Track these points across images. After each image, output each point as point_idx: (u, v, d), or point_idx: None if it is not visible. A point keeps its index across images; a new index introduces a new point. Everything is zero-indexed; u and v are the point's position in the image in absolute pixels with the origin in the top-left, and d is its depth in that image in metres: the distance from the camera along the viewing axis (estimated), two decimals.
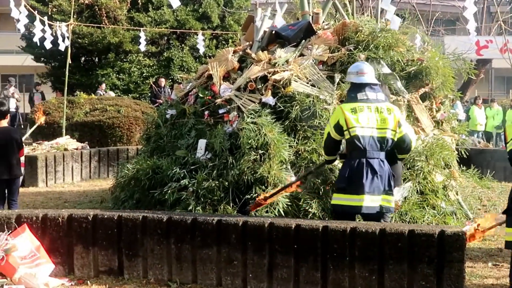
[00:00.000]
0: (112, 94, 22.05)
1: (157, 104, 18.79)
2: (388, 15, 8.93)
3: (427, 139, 8.66)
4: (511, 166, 5.87)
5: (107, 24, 23.96)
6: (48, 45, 16.13)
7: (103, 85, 22.66)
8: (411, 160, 8.24)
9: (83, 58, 25.85)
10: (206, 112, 8.96)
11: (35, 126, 14.71)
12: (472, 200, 9.58)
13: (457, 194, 8.99)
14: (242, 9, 26.47)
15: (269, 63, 9.14)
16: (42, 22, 15.68)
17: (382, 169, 6.47)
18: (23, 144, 8.97)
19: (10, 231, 6.39)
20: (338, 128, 6.56)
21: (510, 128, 5.87)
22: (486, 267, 6.94)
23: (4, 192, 8.70)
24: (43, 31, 15.83)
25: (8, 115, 8.96)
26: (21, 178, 9.05)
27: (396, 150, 6.69)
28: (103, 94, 21.49)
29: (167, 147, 9.12)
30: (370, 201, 6.41)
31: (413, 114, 8.93)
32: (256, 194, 7.79)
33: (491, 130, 22.89)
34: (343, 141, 6.72)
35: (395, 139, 6.52)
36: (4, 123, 8.74)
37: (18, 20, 14.74)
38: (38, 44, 16.46)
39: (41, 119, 14.94)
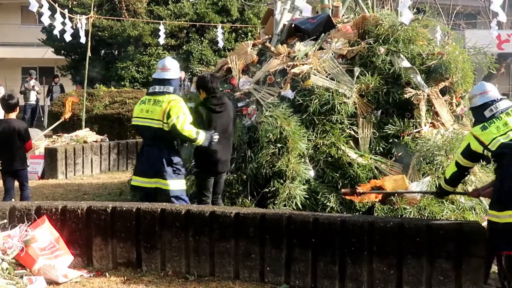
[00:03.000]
0: None
1: None
2: (400, 7, 8.81)
3: (447, 133, 8.59)
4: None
5: (127, 17, 24.04)
6: (68, 37, 16.18)
7: None
8: (430, 155, 8.20)
9: (103, 51, 25.95)
10: None
11: (58, 122, 14.80)
12: None
13: None
14: (261, 2, 26.41)
15: (288, 56, 9.14)
16: (63, 15, 15.74)
17: (156, 156, 7.18)
18: (30, 137, 8.94)
19: (30, 223, 6.45)
20: None
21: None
22: None
23: (11, 183, 8.82)
24: (63, 23, 15.88)
25: (17, 107, 8.97)
26: (26, 169, 9.05)
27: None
28: None
29: None
30: (141, 182, 7.34)
31: (433, 108, 8.87)
32: (274, 188, 7.81)
33: None
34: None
35: (166, 129, 7.11)
36: (13, 115, 8.83)
37: (41, 14, 14.80)
38: (59, 36, 16.52)
39: (66, 115, 14.93)
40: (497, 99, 6.01)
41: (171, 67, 7.36)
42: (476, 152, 5.92)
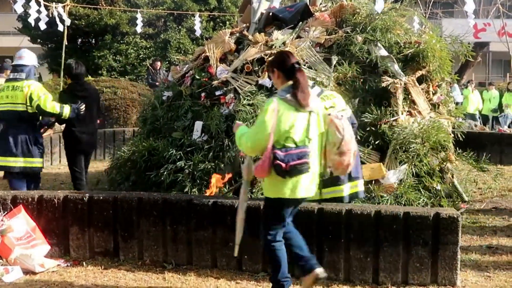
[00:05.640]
0: None
1: (152, 85, 18.71)
2: None
3: (424, 122, 8.64)
4: None
5: (104, 5, 23.84)
6: (42, 26, 16.00)
7: None
8: (406, 143, 8.24)
9: (79, 40, 25.71)
10: (203, 94, 8.93)
11: None
12: (468, 183, 9.60)
13: (452, 176, 9.00)
14: None
15: (266, 45, 9.12)
16: (38, 3, 15.57)
17: (22, 136, 7.98)
18: None
19: (6, 212, 6.41)
20: None
21: None
22: (480, 249, 6.97)
23: None
24: (39, 11, 15.71)
25: None
26: None
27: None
28: None
29: (163, 129, 9.10)
30: (6, 161, 7.98)
31: (409, 96, 8.90)
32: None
33: (487, 113, 22.87)
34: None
35: (31, 111, 7.99)
36: None
37: (15, 1, 14.64)
38: (33, 25, 16.33)
39: None
40: (310, 85, 6.19)
41: (24, 56, 8.26)
42: None
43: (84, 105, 8.52)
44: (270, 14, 10.00)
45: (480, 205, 9.22)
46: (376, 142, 8.40)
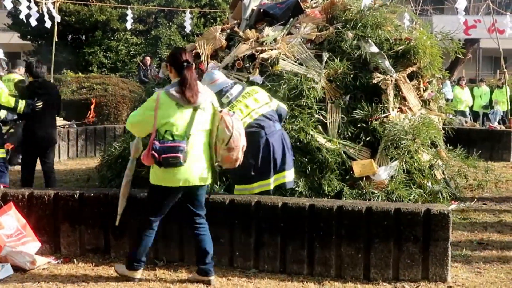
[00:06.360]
0: None
1: (143, 82, 18.67)
2: None
3: (414, 118, 8.65)
4: None
5: (94, 2, 23.77)
6: (33, 22, 15.93)
7: None
8: (397, 139, 8.25)
9: (70, 36, 25.65)
10: None
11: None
12: (458, 179, 9.61)
13: (443, 173, 9.02)
14: None
15: (257, 41, 9.11)
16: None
17: None
18: None
19: None
20: None
21: None
22: (471, 245, 6.99)
23: None
24: (29, 8, 15.63)
25: None
26: None
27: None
28: None
29: None
30: None
31: (400, 93, 8.91)
32: None
33: (478, 110, 22.92)
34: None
35: None
36: None
37: None
38: (25, 21, 16.25)
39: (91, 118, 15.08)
40: (229, 85, 6.72)
41: None
42: None
43: (40, 102, 8.78)
44: (261, 10, 9.99)
45: (470, 201, 9.25)
46: (367, 139, 8.41)
